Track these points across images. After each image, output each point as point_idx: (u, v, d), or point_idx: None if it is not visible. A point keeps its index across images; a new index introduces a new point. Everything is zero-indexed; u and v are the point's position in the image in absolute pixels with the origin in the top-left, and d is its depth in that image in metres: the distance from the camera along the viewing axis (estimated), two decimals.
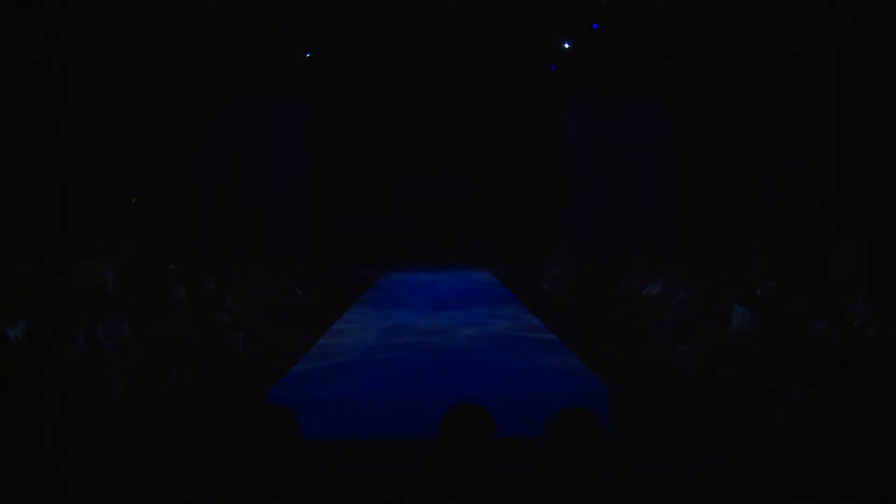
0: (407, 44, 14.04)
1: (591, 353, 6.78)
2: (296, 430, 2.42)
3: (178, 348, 6.43)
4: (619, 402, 5.28)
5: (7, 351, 5.11)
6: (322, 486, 2.33)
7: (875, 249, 8.30)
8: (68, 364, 4.97)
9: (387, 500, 2.31)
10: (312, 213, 15.44)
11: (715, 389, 5.79)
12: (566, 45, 14.23)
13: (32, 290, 6.72)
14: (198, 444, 4.45)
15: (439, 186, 17.03)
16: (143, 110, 12.07)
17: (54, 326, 5.66)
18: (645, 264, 9.75)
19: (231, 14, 12.28)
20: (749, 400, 5.34)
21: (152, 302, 7.30)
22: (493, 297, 11.02)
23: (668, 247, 13.31)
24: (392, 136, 16.38)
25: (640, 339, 7.77)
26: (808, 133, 10.29)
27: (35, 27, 8.84)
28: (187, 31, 12.13)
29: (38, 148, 9.21)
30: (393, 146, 16.45)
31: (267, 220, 14.91)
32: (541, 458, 2.32)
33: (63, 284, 7.30)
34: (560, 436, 2.32)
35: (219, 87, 14.18)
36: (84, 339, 5.43)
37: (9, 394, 4.05)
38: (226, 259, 11.80)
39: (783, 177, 11.19)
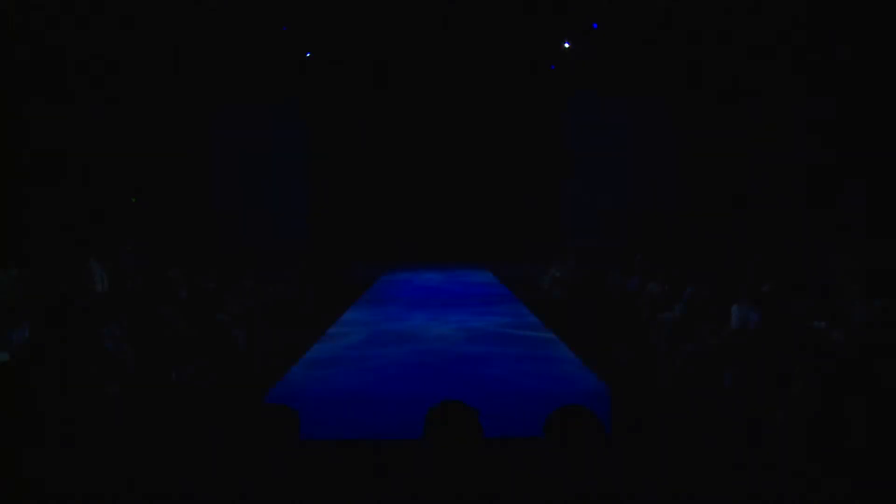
0: (404, 45, 14.05)
1: (591, 352, 6.77)
2: (297, 429, 2.42)
3: (178, 348, 6.41)
4: (620, 401, 5.27)
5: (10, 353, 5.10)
6: (319, 485, 2.33)
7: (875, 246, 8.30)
8: (67, 365, 4.96)
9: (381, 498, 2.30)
10: (312, 211, 15.60)
11: (713, 389, 5.77)
12: (566, 45, 14.21)
13: (32, 290, 6.71)
14: (198, 443, 4.45)
15: (440, 185, 17.00)
16: (147, 114, 12.14)
17: (53, 327, 5.64)
18: (646, 264, 9.72)
19: (232, 21, 12.35)
20: (749, 400, 5.32)
21: (152, 301, 7.28)
22: (493, 297, 11.03)
23: (667, 246, 13.30)
24: (392, 137, 16.43)
25: (641, 339, 7.75)
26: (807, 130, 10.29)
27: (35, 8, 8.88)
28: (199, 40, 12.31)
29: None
30: (393, 148, 16.50)
31: (270, 218, 15.19)
32: (540, 457, 2.30)
33: (62, 284, 7.29)
34: (559, 434, 2.29)
35: (221, 93, 14.60)
36: (83, 340, 5.42)
37: (10, 395, 4.05)
38: (232, 255, 12.08)
39: (782, 174, 11.20)
